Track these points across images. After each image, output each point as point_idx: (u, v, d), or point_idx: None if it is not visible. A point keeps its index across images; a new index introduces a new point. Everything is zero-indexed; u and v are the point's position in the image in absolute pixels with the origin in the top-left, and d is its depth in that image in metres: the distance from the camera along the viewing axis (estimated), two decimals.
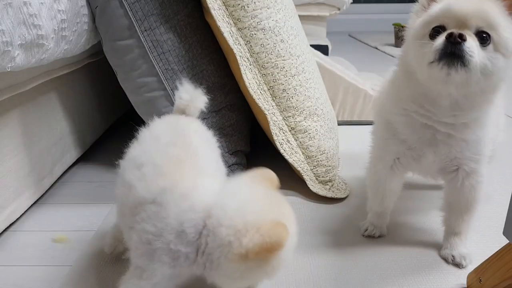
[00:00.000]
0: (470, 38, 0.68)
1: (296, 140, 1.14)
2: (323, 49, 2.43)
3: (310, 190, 1.13)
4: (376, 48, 3.64)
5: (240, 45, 1.09)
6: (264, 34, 1.09)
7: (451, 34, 0.67)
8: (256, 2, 1.08)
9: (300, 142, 1.14)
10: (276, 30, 1.10)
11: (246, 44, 1.09)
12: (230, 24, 1.08)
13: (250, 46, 1.09)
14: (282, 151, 1.13)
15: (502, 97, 0.85)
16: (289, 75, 1.12)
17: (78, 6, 1.05)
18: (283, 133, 1.13)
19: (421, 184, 1.19)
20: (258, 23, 1.08)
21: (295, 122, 1.13)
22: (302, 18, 1.62)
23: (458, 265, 0.86)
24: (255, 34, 1.09)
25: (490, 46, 0.69)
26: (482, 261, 0.76)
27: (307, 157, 1.14)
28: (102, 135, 1.49)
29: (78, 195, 1.17)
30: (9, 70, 0.81)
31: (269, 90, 1.12)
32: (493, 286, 0.72)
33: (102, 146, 1.47)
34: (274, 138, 1.12)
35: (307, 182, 1.13)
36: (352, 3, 2.84)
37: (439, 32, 0.71)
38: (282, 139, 1.13)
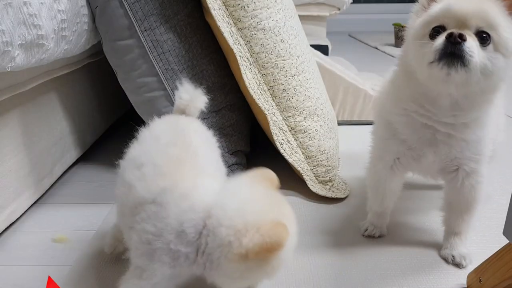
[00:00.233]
0: (470, 38, 0.68)
1: (296, 140, 1.14)
2: (323, 49, 2.43)
3: (310, 190, 1.13)
4: (376, 48, 3.64)
5: (240, 45, 1.09)
6: (264, 34, 1.09)
7: (451, 34, 0.67)
8: (256, 2, 1.08)
9: (300, 142, 1.14)
10: (276, 30, 1.10)
11: (246, 44, 1.09)
12: (230, 24, 1.08)
13: (250, 46, 1.09)
14: (282, 151, 1.13)
15: (502, 97, 0.85)
16: (289, 75, 1.12)
17: (78, 6, 1.05)
18: (283, 133, 1.13)
19: (421, 184, 1.19)
20: (258, 23, 1.08)
21: (295, 122, 1.13)
22: (302, 18, 1.62)
23: (458, 265, 0.86)
24: (255, 34, 1.09)
25: (490, 46, 0.69)
26: (482, 261, 0.76)
27: (307, 157, 1.14)
28: (102, 135, 1.49)
29: (78, 195, 1.17)
30: (9, 70, 0.81)
31: (269, 90, 1.12)
32: (493, 286, 0.72)
33: (102, 146, 1.47)
34: (274, 138, 1.13)
35: (307, 182, 1.13)
36: (352, 3, 2.84)
37: (439, 32, 0.71)
38: (282, 139, 1.13)
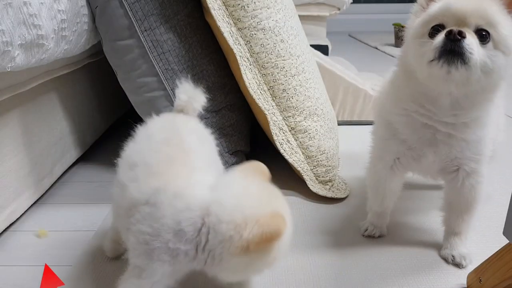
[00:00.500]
0: (470, 35, 0.68)
1: (296, 140, 1.14)
2: (323, 49, 2.43)
3: (310, 190, 1.13)
4: (376, 48, 3.65)
5: (240, 45, 1.09)
6: (264, 34, 1.09)
7: (451, 32, 0.68)
8: (256, 2, 1.08)
9: (300, 142, 1.14)
10: (276, 30, 1.10)
11: (246, 44, 1.09)
12: (230, 24, 1.08)
13: (250, 46, 1.09)
14: (282, 151, 1.13)
15: (502, 96, 0.85)
16: (289, 75, 1.12)
17: (78, 6, 1.05)
18: (283, 133, 1.13)
19: (421, 184, 1.19)
20: (258, 23, 1.08)
21: (295, 122, 1.13)
22: (302, 18, 1.62)
23: (458, 265, 0.86)
24: (255, 34, 1.09)
25: (489, 44, 0.69)
26: (482, 261, 0.76)
27: (307, 157, 1.14)
28: (102, 135, 1.49)
29: (78, 195, 1.17)
30: (9, 70, 0.81)
31: (269, 90, 1.12)
32: (493, 286, 0.72)
33: (102, 146, 1.47)
34: (274, 138, 1.12)
35: (307, 182, 1.13)
36: (352, 3, 2.84)
37: (439, 31, 0.71)
38: (282, 139, 1.13)
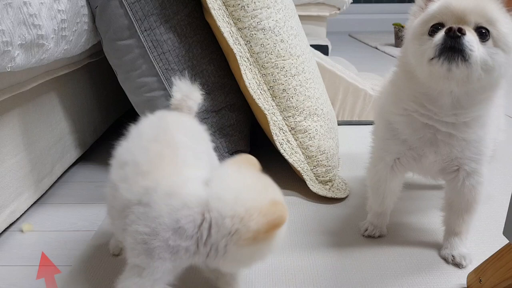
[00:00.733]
0: (470, 33, 0.68)
1: (296, 140, 1.14)
2: (323, 49, 2.43)
3: (310, 190, 1.13)
4: (376, 48, 3.65)
5: (240, 45, 1.09)
6: (264, 34, 1.09)
7: (451, 29, 0.68)
8: (256, 2, 1.08)
9: (300, 142, 1.14)
10: (276, 30, 1.10)
11: (246, 44, 1.09)
12: (230, 24, 1.08)
13: (250, 46, 1.09)
14: (282, 151, 1.13)
15: (502, 96, 0.85)
16: (289, 75, 1.12)
17: (78, 6, 1.05)
18: (283, 133, 1.13)
19: (421, 184, 1.19)
20: (258, 23, 1.08)
21: (295, 122, 1.13)
22: (302, 18, 1.62)
23: (458, 265, 0.86)
24: (255, 34, 1.09)
25: (489, 42, 0.69)
26: (482, 261, 0.76)
27: (307, 157, 1.14)
28: (102, 135, 1.49)
29: (78, 195, 1.17)
30: (9, 70, 0.81)
31: (269, 90, 1.12)
32: (493, 286, 0.72)
33: (102, 146, 1.47)
34: (274, 138, 1.13)
35: (307, 182, 1.13)
36: (352, 3, 2.84)
37: (438, 29, 0.71)
38: (282, 139, 1.13)
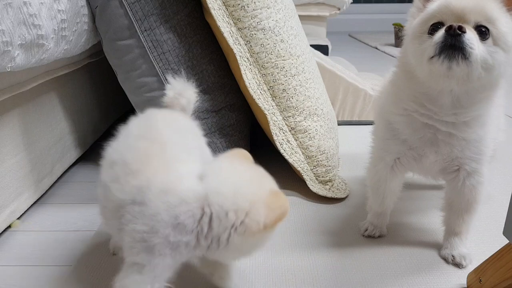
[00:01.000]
0: (470, 31, 0.68)
1: (296, 140, 1.14)
2: (323, 49, 2.43)
3: (310, 190, 1.13)
4: (376, 48, 3.65)
5: (240, 45, 1.09)
6: (264, 34, 1.09)
7: (451, 27, 0.68)
8: (256, 2, 1.08)
9: (300, 142, 1.14)
10: (276, 30, 1.10)
11: (246, 44, 1.09)
12: (230, 24, 1.08)
13: (250, 46, 1.09)
14: (282, 151, 1.13)
15: (502, 96, 0.85)
16: (289, 75, 1.12)
17: (78, 6, 1.05)
18: (283, 133, 1.13)
19: (421, 184, 1.19)
20: (258, 23, 1.08)
21: (295, 122, 1.13)
22: (302, 18, 1.62)
23: (458, 265, 0.86)
24: (255, 34, 1.09)
25: (489, 40, 0.69)
26: (482, 261, 0.76)
27: (307, 157, 1.14)
28: (102, 135, 1.49)
29: (78, 195, 1.17)
30: (9, 70, 0.81)
31: (269, 90, 1.12)
32: (493, 286, 0.72)
33: (102, 146, 1.47)
34: (274, 138, 1.12)
35: (307, 182, 1.13)
36: (352, 3, 2.84)
37: (438, 28, 0.71)
38: (282, 139, 1.13)
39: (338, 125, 1.40)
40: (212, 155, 0.79)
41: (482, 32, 0.69)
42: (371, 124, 0.97)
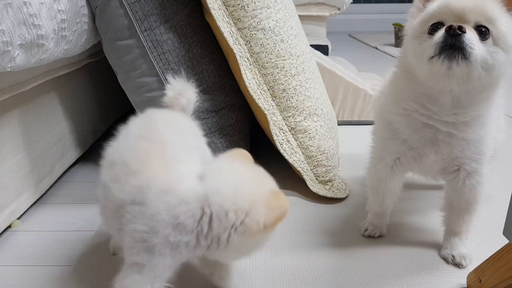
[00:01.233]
0: (470, 31, 0.68)
1: (296, 140, 1.14)
2: (323, 49, 2.43)
3: (310, 190, 1.13)
4: (376, 48, 3.65)
5: (240, 45, 1.09)
6: (264, 34, 1.09)
7: (451, 27, 0.68)
8: (256, 2, 1.08)
9: (300, 142, 1.14)
10: (276, 30, 1.10)
11: (246, 44, 1.09)
12: (230, 24, 1.08)
13: (250, 46, 1.09)
14: (282, 151, 1.13)
15: (502, 96, 0.85)
16: (289, 75, 1.12)
17: (78, 6, 1.05)
18: (283, 133, 1.13)
19: (421, 184, 1.19)
20: (258, 23, 1.08)
21: (295, 122, 1.13)
22: (302, 18, 1.62)
23: (458, 265, 0.86)
24: (255, 34, 1.09)
25: (489, 40, 0.69)
26: (482, 261, 0.76)
27: (307, 157, 1.14)
28: (102, 135, 1.49)
29: (78, 195, 1.17)
30: (9, 70, 0.81)
31: (269, 90, 1.12)
32: (493, 286, 0.72)
33: (102, 146, 1.47)
34: (274, 138, 1.12)
35: (307, 182, 1.13)
36: (352, 3, 2.84)
37: (438, 28, 0.71)
38: (282, 139, 1.13)
39: (338, 125, 1.40)
40: (212, 155, 0.79)
41: (482, 32, 0.69)
42: (371, 124, 0.97)
